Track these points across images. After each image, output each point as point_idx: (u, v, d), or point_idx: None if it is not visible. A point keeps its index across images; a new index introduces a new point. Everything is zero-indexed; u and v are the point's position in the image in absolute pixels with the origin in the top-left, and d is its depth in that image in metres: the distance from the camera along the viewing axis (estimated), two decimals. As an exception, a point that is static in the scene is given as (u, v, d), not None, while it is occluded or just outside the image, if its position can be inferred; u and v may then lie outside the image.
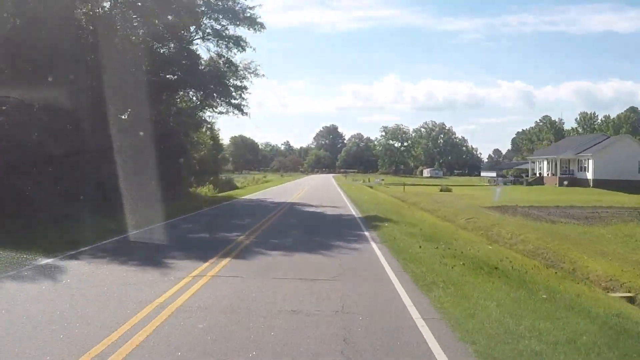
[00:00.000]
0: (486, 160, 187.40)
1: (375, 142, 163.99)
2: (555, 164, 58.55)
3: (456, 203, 30.47)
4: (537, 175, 59.40)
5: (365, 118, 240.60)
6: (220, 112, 31.33)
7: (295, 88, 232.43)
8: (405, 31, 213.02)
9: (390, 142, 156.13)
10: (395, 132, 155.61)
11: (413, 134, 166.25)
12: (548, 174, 59.96)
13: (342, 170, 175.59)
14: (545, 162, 62.09)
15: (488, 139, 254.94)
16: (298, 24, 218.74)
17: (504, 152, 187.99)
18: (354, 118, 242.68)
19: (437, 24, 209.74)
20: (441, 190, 44.26)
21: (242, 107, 30.54)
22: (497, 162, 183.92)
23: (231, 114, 30.83)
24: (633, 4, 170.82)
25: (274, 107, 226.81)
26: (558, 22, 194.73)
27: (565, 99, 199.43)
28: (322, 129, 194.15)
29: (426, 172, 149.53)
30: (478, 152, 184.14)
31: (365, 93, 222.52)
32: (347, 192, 40.20)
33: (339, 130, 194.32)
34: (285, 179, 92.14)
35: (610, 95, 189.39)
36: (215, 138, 43.50)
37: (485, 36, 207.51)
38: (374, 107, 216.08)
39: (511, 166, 77.31)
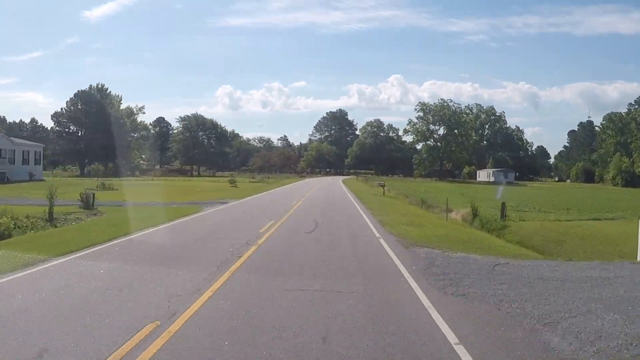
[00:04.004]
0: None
1: (408, 127, 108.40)
2: None
3: None
4: None
5: (371, 118, 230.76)
6: None
7: (299, 88, 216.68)
8: (409, 32, 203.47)
9: (432, 127, 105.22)
10: (441, 112, 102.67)
11: (469, 114, 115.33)
12: None
13: (352, 170, 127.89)
14: None
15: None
16: (302, 24, 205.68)
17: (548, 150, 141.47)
18: (359, 118, 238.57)
19: (442, 24, 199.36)
20: None
21: None
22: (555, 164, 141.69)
23: None
24: (638, 5, 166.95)
25: (277, 108, 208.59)
26: (562, 24, 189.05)
27: (570, 100, 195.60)
28: (326, 115, 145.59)
29: (484, 176, 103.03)
30: (532, 149, 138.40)
31: (369, 93, 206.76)
32: None
33: (349, 117, 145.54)
34: (218, 194, 34.05)
35: (616, 96, 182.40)
36: None
37: (490, 37, 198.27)
38: (379, 108, 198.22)
39: None
